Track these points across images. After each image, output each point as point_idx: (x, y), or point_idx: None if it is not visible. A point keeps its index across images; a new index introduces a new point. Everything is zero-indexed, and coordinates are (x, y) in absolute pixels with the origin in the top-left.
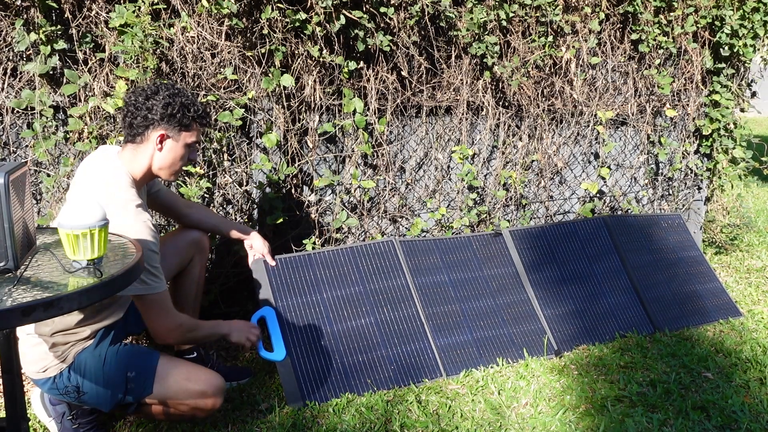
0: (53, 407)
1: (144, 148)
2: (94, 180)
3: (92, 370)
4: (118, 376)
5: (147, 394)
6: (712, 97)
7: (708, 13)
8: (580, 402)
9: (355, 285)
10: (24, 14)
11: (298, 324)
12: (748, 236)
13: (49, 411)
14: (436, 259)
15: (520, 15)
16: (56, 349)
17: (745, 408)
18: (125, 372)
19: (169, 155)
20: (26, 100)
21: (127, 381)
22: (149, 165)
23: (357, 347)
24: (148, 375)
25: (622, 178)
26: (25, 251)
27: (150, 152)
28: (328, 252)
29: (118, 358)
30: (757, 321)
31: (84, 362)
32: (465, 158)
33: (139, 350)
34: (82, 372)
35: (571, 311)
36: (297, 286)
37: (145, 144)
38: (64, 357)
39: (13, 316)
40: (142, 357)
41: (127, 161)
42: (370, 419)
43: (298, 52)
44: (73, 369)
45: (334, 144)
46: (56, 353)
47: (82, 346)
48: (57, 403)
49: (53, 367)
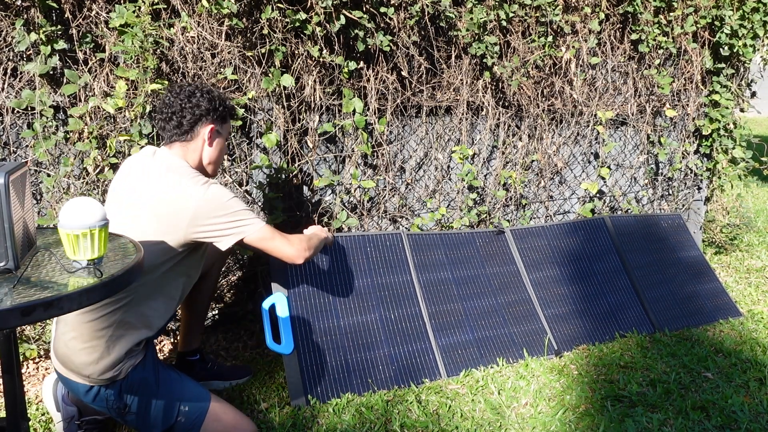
0: (65, 406)
1: (194, 145)
2: (158, 170)
3: (146, 393)
4: (170, 406)
5: (194, 431)
6: (712, 97)
7: (708, 13)
8: (580, 402)
9: (361, 277)
10: (24, 14)
11: (304, 315)
12: (748, 236)
13: (58, 406)
14: (440, 255)
15: (520, 15)
16: (111, 356)
17: (745, 408)
18: (178, 404)
19: (216, 149)
20: (26, 100)
21: (178, 414)
22: (200, 160)
23: (360, 344)
24: (200, 414)
25: (622, 178)
26: (25, 251)
27: (200, 147)
28: (338, 237)
29: (173, 384)
30: (757, 321)
31: (138, 383)
32: (465, 158)
33: (191, 383)
34: (135, 392)
35: (572, 311)
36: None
37: (195, 140)
38: (118, 371)
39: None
40: (195, 393)
41: (181, 157)
42: (370, 419)
43: (298, 52)
44: (126, 387)
45: (334, 144)
46: (110, 362)
47: (134, 361)
48: (70, 404)
49: (102, 378)
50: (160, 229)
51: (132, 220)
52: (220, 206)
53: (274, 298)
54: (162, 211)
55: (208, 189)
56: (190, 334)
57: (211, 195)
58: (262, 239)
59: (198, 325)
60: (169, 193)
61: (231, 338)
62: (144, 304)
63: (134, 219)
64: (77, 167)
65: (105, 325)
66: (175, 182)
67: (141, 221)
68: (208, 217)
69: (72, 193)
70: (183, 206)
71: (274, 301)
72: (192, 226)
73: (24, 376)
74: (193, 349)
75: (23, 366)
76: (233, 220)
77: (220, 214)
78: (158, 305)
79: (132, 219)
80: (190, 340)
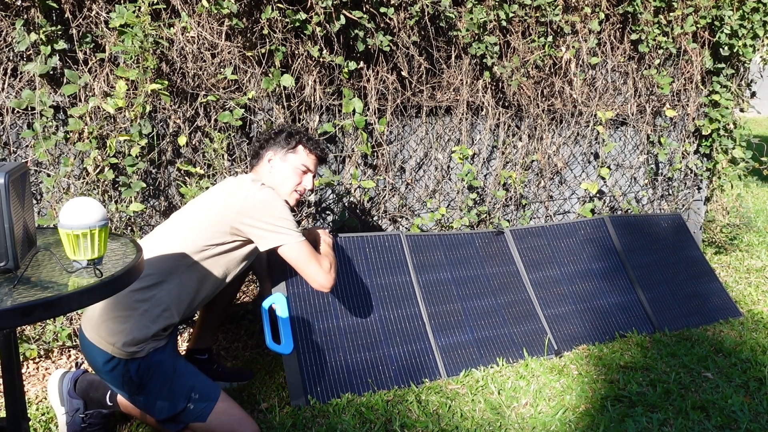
0: (70, 399)
1: (260, 169)
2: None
3: (162, 375)
4: (183, 392)
5: (200, 421)
6: (712, 97)
7: (708, 13)
8: (580, 402)
9: (361, 278)
10: (24, 14)
11: (303, 315)
12: (748, 236)
13: (63, 399)
14: (440, 255)
15: (520, 15)
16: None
17: (745, 408)
18: (191, 391)
19: (278, 174)
20: (26, 100)
21: (189, 400)
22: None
23: (360, 345)
24: (209, 404)
25: (622, 178)
26: (25, 251)
27: (265, 172)
28: (337, 238)
29: (188, 374)
30: (757, 321)
31: (156, 364)
32: (465, 158)
33: (204, 378)
34: (151, 373)
35: (572, 311)
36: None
37: (260, 165)
38: (141, 348)
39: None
40: (206, 384)
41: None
42: (370, 419)
43: (298, 52)
44: (144, 366)
45: (334, 144)
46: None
47: (156, 344)
48: (76, 397)
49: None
50: (214, 214)
51: (198, 206)
52: (267, 206)
53: (274, 298)
54: (221, 201)
55: (262, 189)
56: (203, 332)
57: (263, 195)
58: (299, 257)
59: (213, 325)
60: (232, 187)
61: (231, 338)
62: (183, 287)
63: (199, 205)
64: (77, 167)
65: (144, 298)
66: (240, 182)
67: (203, 207)
68: (255, 211)
69: (72, 193)
70: (238, 197)
71: (273, 301)
72: (239, 216)
73: (24, 376)
74: (203, 348)
75: (23, 366)
76: (276, 224)
77: (265, 213)
78: (192, 294)
79: (198, 206)
80: (202, 338)
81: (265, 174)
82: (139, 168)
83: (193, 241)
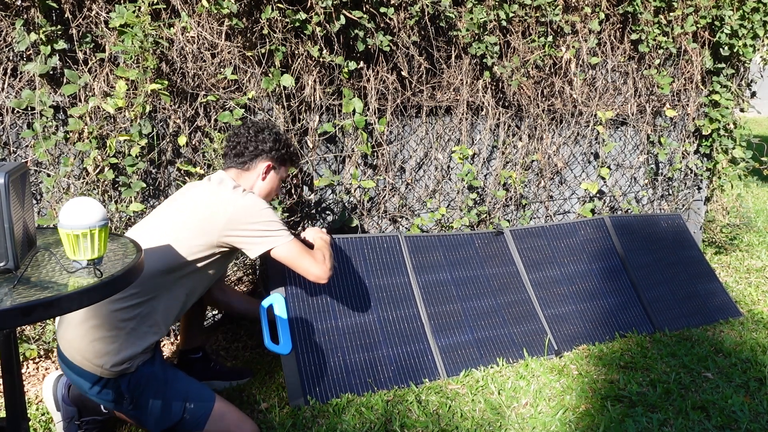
0: (65, 405)
1: (249, 175)
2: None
3: (154, 387)
4: (177, 403)
5: (198, 429)
6: (712, 97)
7: (708, 13)
8: (580, 402)
9: (360, 278)
10: (24, 14)
11: (302, 316)
12: (748, 236)
13: (58, 405)
14: (439, 256)
15: (520, 15)
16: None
17: (745, 408)
18: (185, 401)
19: (268, 185)
20: (26, 100)
21: (185, 411)
22: (251, 190)
23: (359, 345)
24: (205, 412)
25: (622, 178)
26: (25, 251)
27: (254, 180)
28: (336, 239)
29: (179, 384)
30: (757, 321)
31: (147, 378)
32: (465, 158)
33: (197, 384)
34: (142, 387)
35: (572, 311)
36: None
37: (251, 172)
38: (130, 364)
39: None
40: (200, 392)
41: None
42: (370, 419)
43: (298, 52)
44: (134, 381)
45: (334, 144)
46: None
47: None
48: (70, 404)
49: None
50: (197, 228)
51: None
52: (254, 214)
53: (272, 298)
54: (202, 214)
55: (245, 197)
56: (190, 331)
57: (248, 203)
58: (290, 255)
59: (198, 322)
60: (211, 198)
61: (231, 338)
62: (171, 302)
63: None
64: (77, 167)
65: (130, 316)
66: (218, 191)
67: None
68: (242, 223)
69: (72, 193)
70: (220, 210)
71: (272, 301)
72: (226, 230)
73: (24, 376)
74: (195, 347)
75: (23, 366)
76: (264, 229)
77: (253, 221)
78: (180, 307)
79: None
80: (192, 337)
81: (252, 179)
82: (139, 168)
83: (177, 258)
